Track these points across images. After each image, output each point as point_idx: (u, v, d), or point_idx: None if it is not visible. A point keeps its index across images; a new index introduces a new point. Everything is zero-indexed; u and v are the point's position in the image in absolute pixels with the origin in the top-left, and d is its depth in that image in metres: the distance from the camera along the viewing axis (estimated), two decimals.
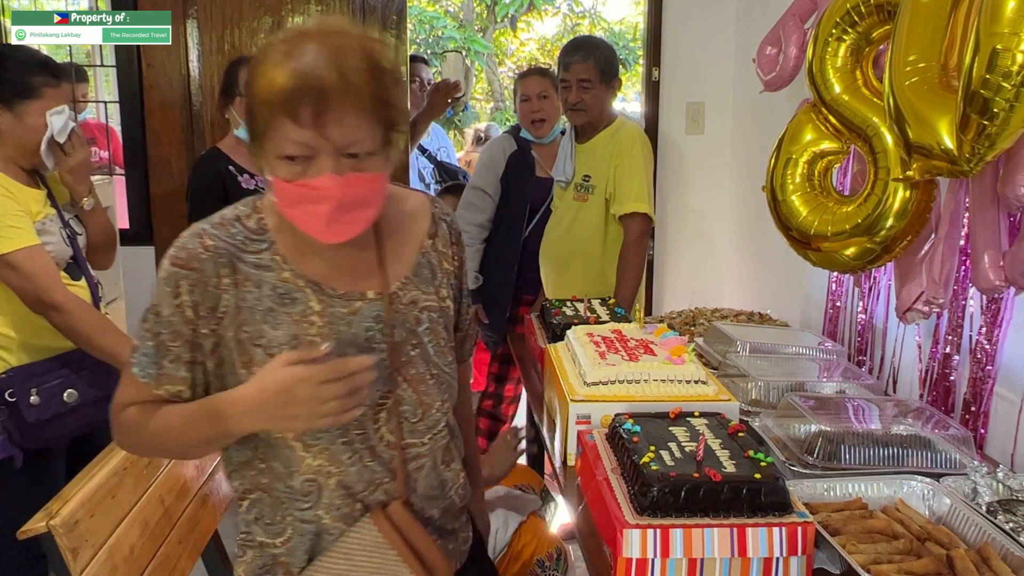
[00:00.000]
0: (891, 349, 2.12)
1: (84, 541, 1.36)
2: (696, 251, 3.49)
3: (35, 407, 1.86)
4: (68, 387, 1.92)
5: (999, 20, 1.27)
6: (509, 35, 9.74)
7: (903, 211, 1.69)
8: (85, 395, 1.94)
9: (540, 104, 2.94)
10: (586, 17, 9.75)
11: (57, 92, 1.94)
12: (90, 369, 1.97)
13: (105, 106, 3.66)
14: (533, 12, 9.43)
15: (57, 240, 1.94)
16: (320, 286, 1.17)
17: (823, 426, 1.58)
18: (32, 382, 1.87)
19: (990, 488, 1.44)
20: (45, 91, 1.91)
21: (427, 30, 8.81)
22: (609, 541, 1.22)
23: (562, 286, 2.83)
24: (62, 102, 1.95)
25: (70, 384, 1.93)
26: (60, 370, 1.93)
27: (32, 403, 1.86)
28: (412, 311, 1.22)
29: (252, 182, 2.43)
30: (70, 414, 1.93)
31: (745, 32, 3.16)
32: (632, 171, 2.67)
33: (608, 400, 1.61)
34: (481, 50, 8.96)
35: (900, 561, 1.24)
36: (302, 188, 1.07)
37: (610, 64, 2.74)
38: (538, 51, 9.76)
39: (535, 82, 2.97)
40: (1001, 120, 1.30)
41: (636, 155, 2.69)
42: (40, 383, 1.89)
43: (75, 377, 1.94)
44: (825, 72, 1.82)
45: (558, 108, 2.92)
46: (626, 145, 2.70)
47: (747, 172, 3.21)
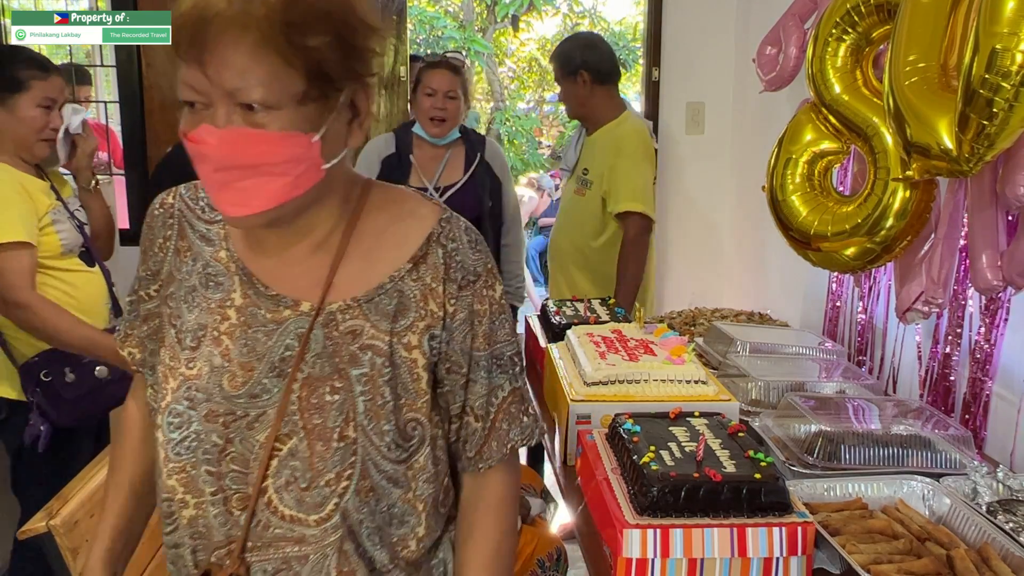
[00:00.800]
0: (891, 349, 2.12)
1: (84, 541, 1.36)
2: (696, 251, 3.49)
3: (71, 384, 1.94)
4: (98, 364, 2.00)
5: (999, 20, 1.27)
6: (509, 35, 9.74)
7: (903, 211, 1.69)
8: (115, 371, 2.00)
9: (445, 103, 2.64)
10: (586, 17, 9.75)
11: (46, 84, 1.97)
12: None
13: (105, 106, 3.65)
14: (533, 12, 9.43)
15: (69, 228, 2.02)
16: (251, 278, 0.96)
17: (823, 426, 1.58)
18: (66, 361, 1.95)
19: (990, 488, 1.44)
20: (33, 83, 1.95)
21: (427, 30, 8.81)
22: (609, 541, 1.22)
23: (562, 283, 2.85)
24: (53, 94, 1.99)
25: (99, 361, 2.00)
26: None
27: (68, 381, 1.94)
28: (348, 344, 0.93)
29: None
30: (102, 389, 2.00)
31: (745, 32, 3.16)
32: (628, 169, 2.64)
33: (608, 400, 1.61)
34: (481, 50, 8.96)
35: (900, 561, 1.24)
36: (188, 143, 0.86)
37: (569, 60, 2.74)
38: (538, 51, 9.76)
39: (445, 79, 2.64)
40: (1000, 120, 1.30)
41: (632, 152, 2.65)
42: (74, 362, 1.97)
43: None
44: (825, 72, 1.82)
45: (463, 110, 2.70)
46: (624, 142, 2.68)
47: (747, 172, 3.21)
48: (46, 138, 2.00)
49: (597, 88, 2.75)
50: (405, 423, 0.95)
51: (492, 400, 1.00)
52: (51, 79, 1.99)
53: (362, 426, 0.92)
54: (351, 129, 0.92)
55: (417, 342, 0.95)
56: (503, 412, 1.01)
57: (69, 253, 2.03)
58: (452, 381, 0.99)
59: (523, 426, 1.03)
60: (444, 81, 2.63)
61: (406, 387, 0.95)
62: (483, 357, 0.99)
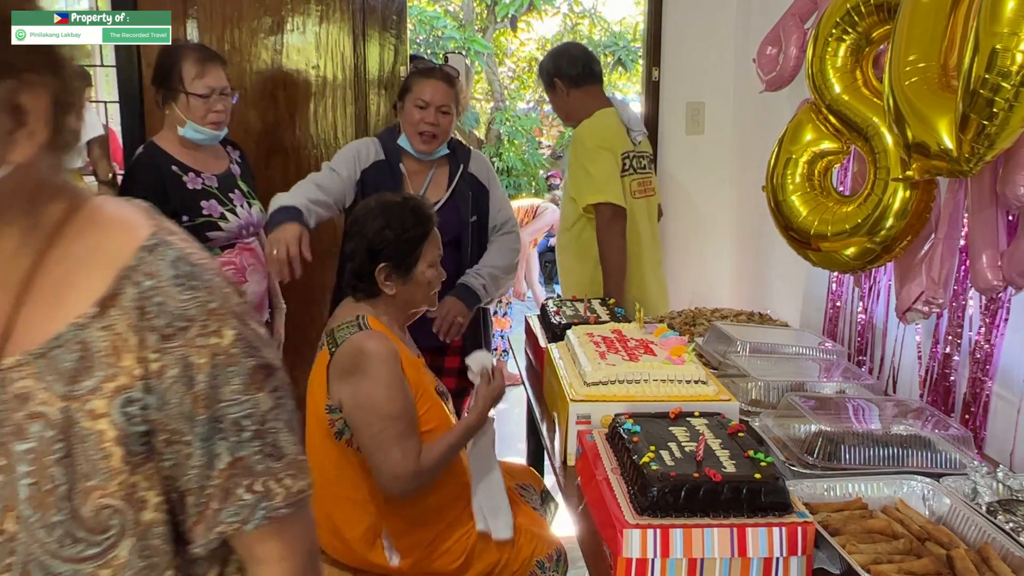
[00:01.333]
0: (891, 349, 2.12)
1: None
2: (696, 251, 3.49)
3: None
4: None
5: (999, 20, 1.27)
6: (509, 35, 9.74)
7: (903, 211, 1.69)
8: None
9: (437, 118, 2.35)
10: (586, 17, 9.75)
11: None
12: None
13: (105, 106, 3.65)
14: (533, 12, 9.42)
15: None
16: None
17: (823, 426, 1.58)
18: None
19: (990, 488, 1.44)
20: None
21: (427, 30, 8.81)
22: (609, 541, 1.22)
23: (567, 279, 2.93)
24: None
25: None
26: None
27: None
28: (15, 411, 0.74)
29: (199, 180, 2.33)
30: None
31: (745, 32, 3.16)
32: (585, 163, 2.70)
33: (608, 400, 1.61)
34: (481, 50, 8.96)
35: (900, 561, 1.24)
36: None
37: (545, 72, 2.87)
38: (538, 51, 9.75)
39: (439, 91, 2.35)
40: (1000, 120, 1.30)
41: (588, 146, 2.71)
42: None
43: None
44: (825, 72, 1.82)
45: (454, 126, 2.46)
46: (580, 138, 2.76)
47: (747, 172, 3.21)
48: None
49: (573, 91, 2.82)
50: (94, 511, 0.74)
51: (207, 474, 0.78)
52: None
53: (24, 517, 0.73)
54: (14, 140, 0.71)
55: (106, 408, 0.74)
56: (217, 488, 0.79)
57: None
58: (175, 453, 0.77)
59: (241, 505, 0.79)
60: (438, 94, 2.34)
61: (93, 466, 0.74)
62: (201, 422, 0.76)
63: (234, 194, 2.39)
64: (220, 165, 2.41)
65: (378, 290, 1.81)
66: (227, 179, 2.40)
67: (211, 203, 2.32)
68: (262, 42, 2.98)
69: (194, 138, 2.31)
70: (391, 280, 1.81)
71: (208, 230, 2.29)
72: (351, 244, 1.84)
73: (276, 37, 2.98)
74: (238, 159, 2.50)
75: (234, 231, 2.36)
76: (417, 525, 1.81)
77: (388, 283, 1.81)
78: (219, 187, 2.36)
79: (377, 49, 3.04)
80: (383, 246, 1.79)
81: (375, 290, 1.82)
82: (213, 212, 2.31)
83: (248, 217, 2.41)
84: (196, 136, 2.31)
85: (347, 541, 1.81)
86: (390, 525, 1.80)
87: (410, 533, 1.81)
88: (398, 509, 1.79)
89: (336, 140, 3.05)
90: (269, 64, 2.99)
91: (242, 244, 2.39)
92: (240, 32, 2.97)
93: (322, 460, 1.80)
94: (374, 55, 3.04)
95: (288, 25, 2.98)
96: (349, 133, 3.06)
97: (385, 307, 1.84)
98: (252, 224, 2.43)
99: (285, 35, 2.98)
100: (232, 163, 2.46)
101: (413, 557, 1.80)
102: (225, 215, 2.33)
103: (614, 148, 2.74)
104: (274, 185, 3.05)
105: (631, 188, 2.77)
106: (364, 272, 1.80)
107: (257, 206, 2.46)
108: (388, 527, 1.80)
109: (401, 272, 1.81)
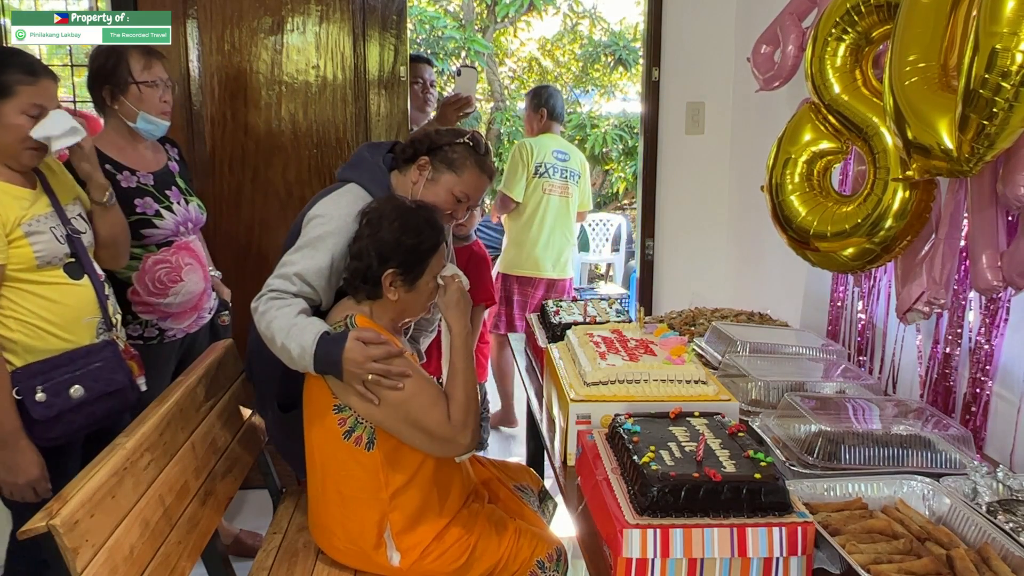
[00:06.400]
0: (891, 349, 2.12)
1: (84, 541, 1.36)
2: (696, 251, 3.49)
3: (41, 404, 1.84)
4: (74, 383, 1.91)
5: (999, 20, 1.27)
6: (509, 35, 9.73)
7: (903, 211, 1.69)
8: (92, 390, 1.93)
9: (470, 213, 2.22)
10: (586, 17, 9.74)
11: (34, 90, 1.85)
12: (99, 364, 1.96)
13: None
14: (533, 12, 9.41)
15: (48, 239, 1.89)
16: None
17: (823, 426, 1.58)
18: (37, 379, 1.86)
19: (990, 488, 1.44)
20: (20, 89, 1.83)
21: (427, 30, 8.80)
22: (609, 541, 1.22)
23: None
24: (42, 100, 1.86)
25: (76, 380, 1.91)
26: (66, 367, 1.91)
27: (38, 400, 1.84)
28: None
29: (133, 179, 2.29)
30: (77, 410, 1.91)
31: (745, 32, 3.16)
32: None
33: (608, 400, 1.61)
34: (481, 50, 8.95)
35: (900, 561, 1.24)
36: None
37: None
38: (539, 51, 9.75)
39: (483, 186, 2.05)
40: (1000, 120, 1.30)
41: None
42: (46, 380, 1.87)
43: (81, 373, 1.93)
44: (824, 72, 1.82)
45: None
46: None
47: (747, 172, 3.21)
48: (32, 147, 1.87)
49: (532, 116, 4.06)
50: None
51: None
52: (41, 84, 1.86)
53: None
54: None
55: None
56: None
57: (48, 265, 1.89)
58: None
59: None
60: (481, 188, 2.05)
61: None
62: None
63: (171, 191, 2.37)
64: (158, 162, 2.40)
65: (381, 293, 1.81)
66: (164, 176, 2.39)
67: (146, 200, 2.30)
68: (262, 42, 2.98)
69: (146, 129, 2.29)
70: (396, 286, 1.80)
71: (142, 227, 2.27)
72: (360, 243, 1.83)
73: (276, 37, 2.98)
74: (176, 156, 2.50)
75: (170, 228, 2.33)
76: (419, 524, 1.81)
77: (393, 288, 1.80)
78: (155, 184, 2.34)
79: (377, 49, 3.04)
80: (396, 252, 1.79)
81: (378, 292, 1.81)
82: (147, 210, 2.29)
83: (185, 214, 2.39)
84: (147, 127, 2.29)
85: (352, 541, 1.81)
86: (393, 524, 1.80)
87: (412, 532, 1.81)
88: (401, 508, 1.79)
89: (336, 140, 3.05)
90: (269, 64, 2.99)
91: (179, 242, 2.37)
92: (240, 32, 2.97)
93: (326, 460, 1.80)
94: (374, 55, 3.04)
95: (288, 25, 2.98)
96: (349, 133, 3.06)
97: (383, 310, 1.84)
98: (190, 221, 2.41)
99: (285, 35, 2.98)
100: (170, 160, 2.45)
101: (413, 557, 1.80)
102: (160, 212, 2.31)
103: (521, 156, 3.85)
104: (274, 185, 3.06)
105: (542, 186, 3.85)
106: (371, 274, 1.80)
107: (195, 203, 2.45)
108: (391, 526, 1.80)
109: (407, 280, 1.81)
